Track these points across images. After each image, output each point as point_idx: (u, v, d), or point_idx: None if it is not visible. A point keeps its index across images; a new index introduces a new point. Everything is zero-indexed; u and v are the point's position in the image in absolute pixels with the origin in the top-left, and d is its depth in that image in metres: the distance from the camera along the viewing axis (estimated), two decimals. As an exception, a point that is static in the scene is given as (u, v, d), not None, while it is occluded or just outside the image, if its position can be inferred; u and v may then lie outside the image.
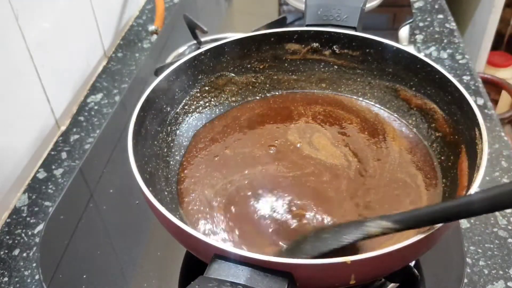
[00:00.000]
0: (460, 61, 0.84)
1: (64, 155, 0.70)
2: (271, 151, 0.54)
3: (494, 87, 1.60)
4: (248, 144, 0.55)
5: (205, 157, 0.54)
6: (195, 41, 0.84)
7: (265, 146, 0.55)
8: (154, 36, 0.91)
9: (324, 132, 0.57)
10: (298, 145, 0.54)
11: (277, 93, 0.62)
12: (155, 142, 0.51)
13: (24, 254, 0.57)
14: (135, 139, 0.45)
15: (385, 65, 0.57)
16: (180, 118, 0.56)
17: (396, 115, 0.58)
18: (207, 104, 0.59)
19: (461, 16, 1.57)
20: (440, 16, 0.97)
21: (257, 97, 0.62)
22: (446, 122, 0.51)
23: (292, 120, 0.58)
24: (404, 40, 0.85)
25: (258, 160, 0.53)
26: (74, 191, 0.61)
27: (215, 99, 0.60)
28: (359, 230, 0.38)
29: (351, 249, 0.43)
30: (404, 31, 0.86)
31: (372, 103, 0.60)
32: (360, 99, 0.61)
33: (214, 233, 0.46)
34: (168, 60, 0.83)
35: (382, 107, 0.59)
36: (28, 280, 0.54)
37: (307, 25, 0.60)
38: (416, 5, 1.01)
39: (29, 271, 0.55)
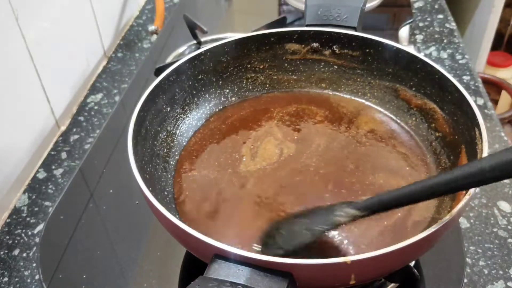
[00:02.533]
0: (460, 61, 0.84)
1: (64, 155, 0.70)
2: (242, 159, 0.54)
3: (494, 87, 1.60)
4: (245, 147, 0.56)
5: (204, 157, 0.54)
6: (195, 41, 0.84)
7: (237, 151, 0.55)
8: (154, 36, 0.91)
9: (275, 134, 0.57)
10: (244, 159, 0.54)
11: (277, 94, 0.62)
12: (155, 142, 0.51)
13: (24, 254, 0.57)
14: (135, 139, 0.45)
15: (385, 65, 0.57)
16: (180, 118, 0.56)
17: (396, 115, 0.58)
18: (207, 104, 0.59)
19: (461, 16, 1.57)
20: (440, 16, 0.97)
21: (257, 97, 0.62)
22: (446, 122, 0.51)
23: (260, 125, 0.58)
24: (404, 40, 0.85)
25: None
26: (74, 191, 0.61)
27: (215, 99, 0.60)
28: (328, 221, 0.39)
29: (351, 249, 0.43)
30: (404, 31, 0.86)
31: (372, 103, 0.60)
32: (360, 99, 0.61)
33: (214, 233, 0.46)
34: (168, 60, 0.83)
35: (382, 107, 0.59)
36: (28, 280, 0.54)
37: (307, 25, 0.60)
38: (416, 5, 1.01)
39: (29, 271, 0.55)
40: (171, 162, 0.53)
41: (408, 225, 0.46)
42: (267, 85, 0.62)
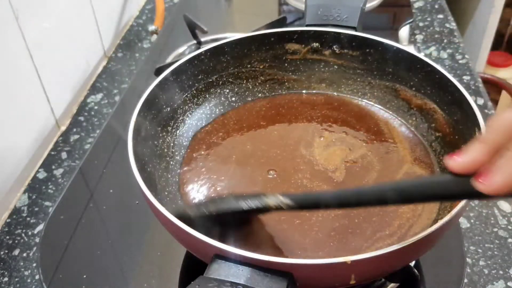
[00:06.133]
0: (460, 61, 0.84)
1: (64, 155, 0.70)
2: (262, 160, 0.54)
3: (494, 87, 1.59)
4: (245, 147, 0.55)
5: (204, 157, 0.54)
6: (195, 41, 0.84)
7: (256, 151, 0.55)
8: (154, 36, 0.91)
9: (277, 134, 0.57)
10: (245, 159, 0.54)
11: (277, 94, 0.62)
12: (155, 142, 0.51)
13: (24, 254, 0.57)
14: (135, 139, 0.45)
15: (385, 65, 0.57)
16: (180, 118, 0.56)
17: (396, 115, 0.58)
18: (207, 104, 0.59)
19: (461, 16, 1.56)
20: (440, 16, 0.97)
21: (257, 98, 0.62)
22: (446, 122, 0.51)
23: (261, 126, 0.58)
24: (404, 40, 0.85)
25: (250, 165, 0.53)
26: (74, 191, 0.61)
27: (215, 99, 0.60)
28: (258, 199, 0.40)
29: (351, 249, 0.43)
30: (404, 31, 0.86)
31: (372, 103, 0.60)
32: (360, 99, 0.61)
33: (214, 233, 0.46)
34: (168, 60, 0.83)
35: (382, 107, 0.59)
36: (28, 280, 0.54)
37: (307, 25, 0.60)
38: (416, 5, 1.01)
39: (29, 271, 0.55)
40: (171, 162, 0.53)
41: (411, 227, 0.46)
42: (267, 85, 0.62)
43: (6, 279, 0.54)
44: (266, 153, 0.54)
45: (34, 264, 0.55)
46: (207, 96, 0.59)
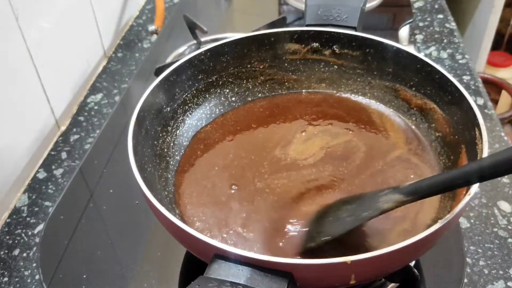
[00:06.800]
0: (460, 61, 0.84)
1: (64, 155, 0.70)
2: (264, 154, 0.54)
3: (494, 87, 1.60)
4: (245, 147, 0.55)
5: (205, 158, 0.54)
6: (195, 41, 0.84)
7: (258, 150, 0.55)
8: (154, 36, 0.91)
9: (278, 134, 0.56)
10: (244, 160, 0.53)
11: (277, 94, 0.62)
12: (155, 142, 0.51)
13: (24, 254, 0.57)
14: (135, 139, 0.45)
15: (385, 65, 0.57)
16: (180, 118, 0.56)
17: (395, 115, 0.58)
18: (207, 104, 0.59)
19: (461, 16, 1.57)
20: (440, 16, 0.97)
21: (257, 98, 0.62)
22: (446, 122, 0.51)
23: (261, 126, 0.58)
24: (404, 40, 0.85)
25: (250, 166, 0.53)
26: (74, 191, 0.61)
27: (215, 99, 0.60)
28: (373, 208, 0.38)
29: (351, 248, 0.43)
30: (404, 31, 0.86)
31: (371, 101, 0.60)
32: (359, 98, 0.61)
33: (213, 233, 0.46)
34: (168, 60, 0.83)
35: (382, 107, 0.59)
36: (28, 280, 0.54)
37: (307, 25, 0.60)
38: (416, 5, 1.01)
39: (29, 271, 0.55)
40: (171, 162, 0.53)
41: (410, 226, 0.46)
42: (267, 85, 0.62)
43: (6, 279, 0.54)
44: (266, 153, 0.54)
45: (34, 264, 0.55)
46: (207, 96, 0.59)
